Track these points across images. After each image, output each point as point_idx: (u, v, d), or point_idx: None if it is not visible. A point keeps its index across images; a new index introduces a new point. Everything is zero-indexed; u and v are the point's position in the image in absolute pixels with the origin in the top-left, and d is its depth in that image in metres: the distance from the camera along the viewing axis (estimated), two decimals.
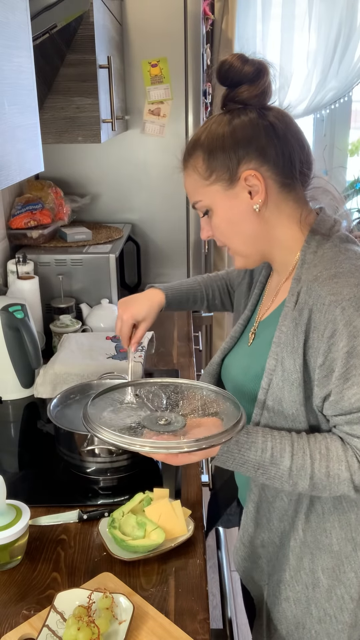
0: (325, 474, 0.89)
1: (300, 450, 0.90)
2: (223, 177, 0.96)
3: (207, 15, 2.53)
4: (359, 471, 0.89)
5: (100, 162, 2.40)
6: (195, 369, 1.80)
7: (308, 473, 0.90)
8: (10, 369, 1.57)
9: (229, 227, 1.00)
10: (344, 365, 0.86)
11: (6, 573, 1.01)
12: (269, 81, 0.97)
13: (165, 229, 2.47)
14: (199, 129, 1.02)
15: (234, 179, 0.96)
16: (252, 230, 0.99)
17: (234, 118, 0.96)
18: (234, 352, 1.14)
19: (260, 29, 2.82)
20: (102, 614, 0.88)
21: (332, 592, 1.00)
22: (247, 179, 0.95)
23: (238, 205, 0.97)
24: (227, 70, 0.96)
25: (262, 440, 0.92)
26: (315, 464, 0.89)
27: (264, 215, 0.98)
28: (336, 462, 0.89)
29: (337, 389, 0.88)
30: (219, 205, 0.99)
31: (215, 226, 1.02)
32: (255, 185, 0.95)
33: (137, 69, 2.27)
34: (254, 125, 0.95)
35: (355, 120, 3.17)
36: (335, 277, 0.88)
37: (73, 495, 1.21)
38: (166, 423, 0.99)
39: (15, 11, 0.96)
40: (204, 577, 1.00)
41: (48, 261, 1.97)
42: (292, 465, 0.90)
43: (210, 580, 1.04)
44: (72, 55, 1.64)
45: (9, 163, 0.93)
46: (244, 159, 0.95)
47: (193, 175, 1.00)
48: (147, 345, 1.64)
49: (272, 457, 0.91)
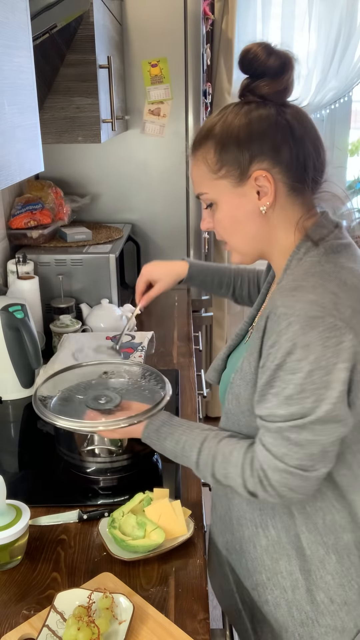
0: (224, 475, 0.94)
1: (207, 449, 0.97)
2: (233, 174, 0.93)
3: (207, 15, 2.53)
4: (251, 479, 0.90)
5: (100, 162, 2.40)
6: (195, 369, 1.80)
7: (209, 471, 0.96)
8: (10, 369, 1.56)
9: (232, 224, 0.98)
10: (271, 374, 0.86)
11: (6, 573, 1.01)
12: (292, 77, 0.93)
13: (165, 229, 2.47)
14: (214, 117, 0.96)
15: (244, 177, 0.93)
16: (255, 230, 0.97)
17: (251, 111, 0.92)
18: (237, 349, 1.15)
19: (260, 29, 2.81)
20: (102, 614, 0.88)
21: (311, 595, 0.97)
22: (258, 179, 0.92)
23: (244, 204, 0.95)
24: (250, 60, 0.91)
25: (179, 433, 1.02)
26: (217, 464, 0.95)
27: (269, 217, 0.95)
28: (233, 467, 0.92)
29: (261, 393, 0.89)
30: (224, 201, 0.96)
31: (217, 220, 0.99)
32: (265, 186, 0.92)
33: (137, 69, 2.27)
34: (272, 123, 0.91)
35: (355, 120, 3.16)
36: (296, 290, 0.86)
37: (73, 495, 1.21)
38: (105, 401, 1.17)
39: (15, 11, 0.96)
40: (204, 577, 1.00)
41: (48, 261, 1.97)
42: (198, 461, 0.97)
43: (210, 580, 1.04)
44: (72, 55, 1.64)
45: (9, 163, 0.93)
46: (256, 158, 0.91)
47: (202, 167, 0.97)
48: (147, 345, 1.64)
49: (183, 450, 1.00)
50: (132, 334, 1.71)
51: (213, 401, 3.20)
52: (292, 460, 0.86)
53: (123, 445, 1.21)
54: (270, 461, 0.87)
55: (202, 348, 2.52)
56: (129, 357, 1.56)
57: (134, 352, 1.57)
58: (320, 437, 0.84)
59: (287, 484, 0.87)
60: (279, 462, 0.87)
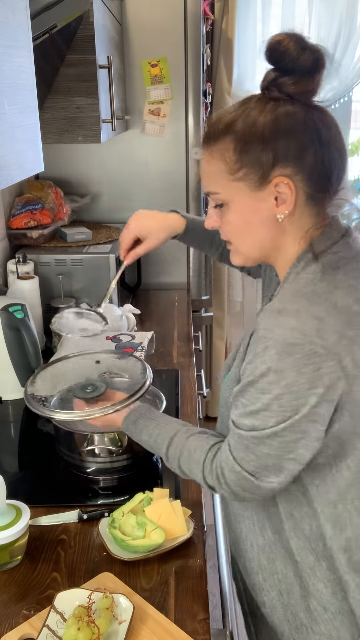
0: (188, 469, 0.98)
1: (175, 444, 1.00)
2: (252, 177, 0.85)
3: (207, 15, 2.53)
4: (210, 475, 0.94)
5: (100, 162, 2.40)
6: (195, 369, 1.80)
7: (176, 464, 1.00)
8: (10, 369, 1.56)
9: (244, 227, 0.92)
10: (243, 386, 0.87)
11: (6, 573, 1.01)
12: (322, 76, 0.84)
13: None
14: (233, 111, 0.87)
15: (265, 181, 0.85)
16: (266, 236, 0.91)
17: (278, 107, 0.83)
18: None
19: (260, 29, 2.81)
20: (102, 614, 0.88)
21: (305, 601, 0.95)
22: (278, 185, 0.85)
23: (260, 209, 0.88)
24: (282, 54, 0.82)
25: (153, 426, 1.05)
26: (182, 459, 0.98)
27: (282, 225, 0.89)
28: (195, 463, 0.96)
29: (234, 398, 0.90)
30: (238, 203, 0.89)
31: (227, 221, 0.93)
32: (285, 194, 0.85)
33: (137, 69, 2.27)
34: (299, 123, 0.83)
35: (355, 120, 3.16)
36: (279, 313, 0.83)
37: (73, 495, 1.21)
38: (91, 390, 1.20)
39: (15, 11, 0.96)
40: (204, 577, 1.00)
41: (48, 261, 1.97)
42: (167, 453, 1.01)
43: (210, 580, 1.04)
44: (72, 55, 1.64)
45: (9, 163, 0.93)
46: (280, 162, 0.84)
47: (217, 165, 0.88)
48: (147, 345, 1.64)
49: (155, 442, 1.03)
50: (132, 334, 1.71)
51: (213, 401, 3.20)
52: (247, 466, 0.88)
53: (123, 445, 1.21)
54: (229, 461, 0.90)
55: (202, 348, 2.52)
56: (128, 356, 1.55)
57: (134, 352, 1.57)
58: (277, 452, 0.85)
59: (240, 485, 0.90)
60: (236, 464, 0.89)
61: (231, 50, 2.71)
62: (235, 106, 0.88)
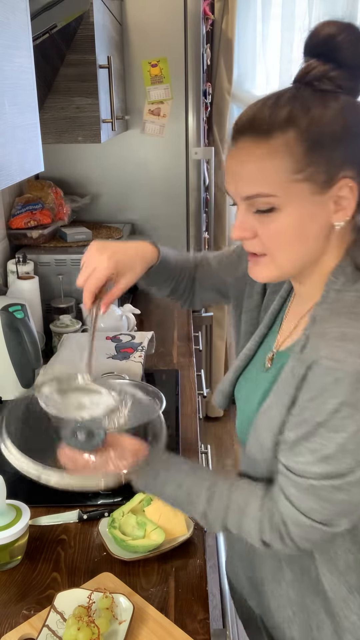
0: (237, 527, 0.84)
1: (217, 498, 0.85)
2: (317, 178, 0.74)
3: (207, 15, 2.53)
4: (269, 532, 0.82)
5: (100, 162, 2.40)
6: (195, 369, 1.80)
7: (220, 522, 0.85)
8: (10, 369, 1.56)
9: (295, 238, 0.78)
10: (310, 430, 0.76)
11: (6, 573, 1.01)
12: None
13: (165, 229, 2.47)
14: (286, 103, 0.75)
15: (330, 184, 0.75)
16: (313, 249, 0.80)
17: (343, 103, 0.74)
18: (249, 374, 1.01)
19: (260, 29, 2.81)
20: (102, 614, 0.88)
21: (338, 636, 0.90)
22: (342, 188, 0.75)
23: (318, 216, 0.77)
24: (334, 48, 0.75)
25: (182, 477, 0.88)
26: (230, 515, 0.84)
27: (334, 236, 0.79)
28: (250, 520, 0.83)
29: (293, 445, 0.79)
30: (295, 208, 0.76)
31: (275, 230, 0.78)
32: (347, 198, 0.76)
33: (137, 69, 2.27)
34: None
35: None
36: (343, 339, 0.73)
37: (73, 495, 1.21)
38: (85, 437, 0.89)
39: (15, 11, 0.96)
40: (204, 577, 1.00)
41: (48, 261, 1.97)
42: (206, 510, 0.86)
43: (210, 580, 1.04)
44: (72, 55, 1.64)
45: (9, 163, 0.93)
46: (348, 163, 0.75)
47: (279, 161, 0.75)
48: (147, 345, 1.64)
49: (188, 496, 0.87)
50: (132, 333, 1.71)
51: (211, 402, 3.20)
52: (318, 516, 0.78)
53: None
54: (294, 515, 0.79)
55: (202, 348, 2.52)
56: (128, 357, 1.56)
57: (134, 352, 1.57)
58: (354, 498, 0.76)
59: (307, 537, 0.80)
60: (304, 517, 0.78)
61: (231, 50, 2.71)
62: (284, 98, 0.76)
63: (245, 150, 0.76)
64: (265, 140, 0.75)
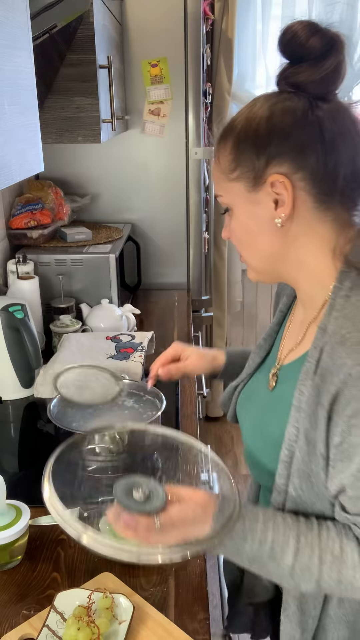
0: (336, 580, 0.74)
1: (307, 548, 0.74)
2: (247, 176, 0.80)
3: (207, 15, 2.53)
4: None
5: (100, 162, 2.40)
6: None
7: (315, 577, 0.74)
8: (10, 369, 1.56)
9: (245, 235, 0.85)
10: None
11: (6, 573, 1.01)
12: (340, 63, 0.76)
13: (165, 229, 2.47)
14: (243, 108, 0.82)
15: (259, 181, 0.79)
16: (269, 246, 0.83)
17: (277, 103, 0.78)
18: (252, 392, 0.99)
19: (260, 29, 2.81)
20: (102, 614, 0.88)
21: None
22: (274, 184, 0.78)
23: (259, 213, 0.81)
24: (288, 41, 0.76)
25: (262, 530, 0.76)
26: (325, 567, 0.74)
27: (289, 233, 0.81)
28: (351, 569, 0.73)
29: (358, 485, 0.72)
30: (238, 207, 0.83)
31: (232, 229, 0.86)
32: (282, 194, 0.78)
33: (137, 69, 2.27)
34: (297, 118, 0.76)
35: None
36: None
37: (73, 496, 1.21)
38: (143, 499, 0.77)
39: (15, 11, 0.96)
40: (204, 577, 1.00)
41: (48, 261, 1.97)
42: (295, 564, 0.74)
43: (210, 580, 1.04)
44: (72, 55, 1.64)
45: (9, 163, 0.93)
46: (275, 159, 0.77)
47: (218, 165, 0.84)
48: (147, 345, 1.64)
49: (271, 551, 0.75)
50: (132, 333, 1.71)
51: (213, 401, 3.20)
52: None
53: (124, 444, 1.20)
54: None
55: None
56: (128, 357, 1.56)
57: (134, 352, 1.57)
58: None
59: None
60: None
61: (231, 50, 2.71)
62: (248, 103, 0.83)
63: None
64: (215, 147, 0.84)
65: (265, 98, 0.80)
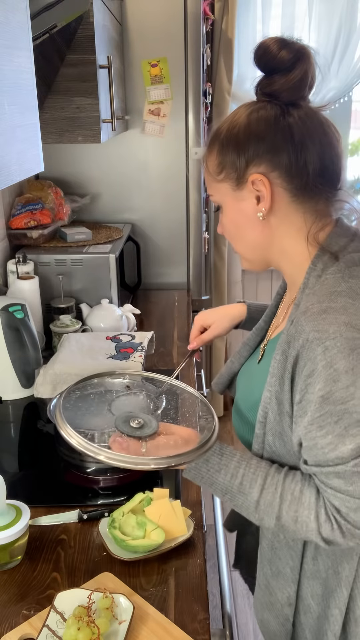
0: (293, 518, 0.84)
1: (271, 486, 0.86)
2: (231, 177, 0.91)
3: (207, 15, 2.53)
4: (325, 524, 0.82)
5: (100, 162, 2.40)
6: (195, 369, 1.80)
7: (275, 513, 0.85)
8: (10, 369, 1.57)
9: (234, 229, 0.96)
10: (317, 410, 0.79)
11: (6, 573, 1.01)
12: (306, 72, 0.86)
13: (165, 229, 2.47)
14: (226, 117, 0.94)
15: (242, 180, 0.90)
16: (256, 237, 0.94)
17: (253, 112, 0.89)
18: (246, 367, 1.10)
19: (260, 29, 2.81)
20: (102, 614, 0.88)
21: (320, 623, 0.95)
22: (255, 183, 0.88)
23: (244, 209, 0.92)
24: (261, 55, 0.88)
25: (235, 466, 0.89)
26: (284, 505, 0.85)
27: (271, 224, 0.92)
28: (306, 509, 0.84)
29: (310, 436, 0.81)
30: (227, 204, 0.95)
31: (223, 225, 0.99)
32: (262, 191, 0.88)
33: (137, 69, 2.27)
34: (270, 124, 0.87)
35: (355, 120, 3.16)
36: (325, 312, 0.80)
37: (73, 495, 1.21)
38: (138, 426, 0.94)
39: (15, 11, 0.96)
40: (204, 577, 1.00)
41: (48, 261, 1.97)
42: (259, 500, 0.86)
43: (210, 580, 1.04)
44: (72, 55, 1.64)
45: (9, 163, 0.93)
46: (253, 161, 0.88)
47: (207, 169, 0.96)
48: (147, 345, 1.64)
49: (240, 486, 0.88)
50: (132, 333, 1.71)
51: (213, 401, 3.20)
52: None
53: None
54: (350, 503, 0.80)
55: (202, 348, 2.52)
56: (129, 357, 1.56)
57: (134, 352, 1.57)
58: None
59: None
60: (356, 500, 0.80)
61: (231, 50, 2.71)
62: (231, 113, 0.95)
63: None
64: (205, 152, 0.96)
65: (245, 107, 0.92)
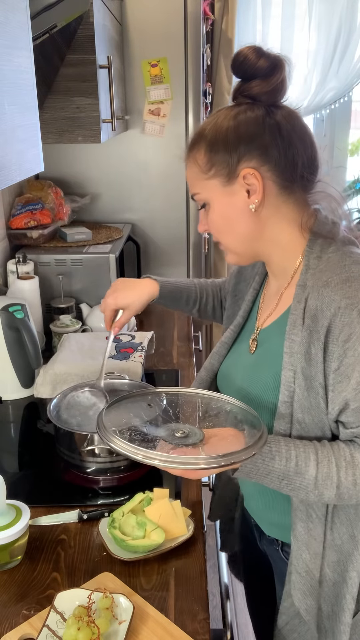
0: (352, 482, 0.89)
1: (325, 459, 0.89)
2: (222, 173, 0.95)
3: (207, 15, 2.53)
4: None
5: (100, 162, 2.40)
6: (195, 369, 1.80)
7: (334, 482, 0.89)
8: (10, 369, 1.57)
9: (224, 223, 1.00)
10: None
11: (6, 573, 1.01)
12: (283, 78, 0.95)
13: (165, 229, 2.47)
14: (206, 121, 1.00)
15: (233, 175, 0.95)
16: (247, 230, 0.98)
17: (240, 113, 0.95)
18: (233, 361, 1.12)
19: (260, 29, 2.82)
20: (102, 614, 0.88)
21: (337, 589, 0.98)
22: (246, 177, 0.94)
23: (235, 202, 0.96)
24: (241, 63, 0.95)
25: (286, 450, 0.90)
26: (342, 472, 0.89)
27: (261, 216, 0.97)
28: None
29: (359, 397, 0.87)
30: (216, 200, 0.98)
31: (210, 220, 1.01)
32: (253, 184, 0.94)
33: (137, 69, 2.27)
34: (259, 124, 0.94)
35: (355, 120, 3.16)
36: (348, 281, 0.88)
37: (73, 495, 1.21)
38: (183, 435, 0.93)
39: (15, 11, 0.96)
40: (204, 577, 1.00)
41: (48, 261, 1.97)
42: (317, 474, 0.89)
43: (210, 580, 1.04)
44: (72, 55, 1.64)
45: (9, 163, 0.93)
46: (244, 157, 0.93)
47: (193, 168, 0.99)
48: (147, 345, 1.64)
49: (297, 467, 0.89)
50: (132, 333, 1.71)
51: None
52: None
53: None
54: None
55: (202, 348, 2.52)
56: (128, 357, 1.56)
57: (134, 352, 1.57)
58: None
59: None
60: None
61: (231, 50, 2.71)
62: (209, 116, 1.01)
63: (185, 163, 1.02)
64: (188, 153, 1.00)
65: (228, 109, 0.97)
